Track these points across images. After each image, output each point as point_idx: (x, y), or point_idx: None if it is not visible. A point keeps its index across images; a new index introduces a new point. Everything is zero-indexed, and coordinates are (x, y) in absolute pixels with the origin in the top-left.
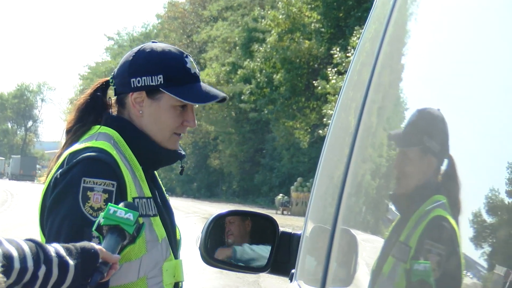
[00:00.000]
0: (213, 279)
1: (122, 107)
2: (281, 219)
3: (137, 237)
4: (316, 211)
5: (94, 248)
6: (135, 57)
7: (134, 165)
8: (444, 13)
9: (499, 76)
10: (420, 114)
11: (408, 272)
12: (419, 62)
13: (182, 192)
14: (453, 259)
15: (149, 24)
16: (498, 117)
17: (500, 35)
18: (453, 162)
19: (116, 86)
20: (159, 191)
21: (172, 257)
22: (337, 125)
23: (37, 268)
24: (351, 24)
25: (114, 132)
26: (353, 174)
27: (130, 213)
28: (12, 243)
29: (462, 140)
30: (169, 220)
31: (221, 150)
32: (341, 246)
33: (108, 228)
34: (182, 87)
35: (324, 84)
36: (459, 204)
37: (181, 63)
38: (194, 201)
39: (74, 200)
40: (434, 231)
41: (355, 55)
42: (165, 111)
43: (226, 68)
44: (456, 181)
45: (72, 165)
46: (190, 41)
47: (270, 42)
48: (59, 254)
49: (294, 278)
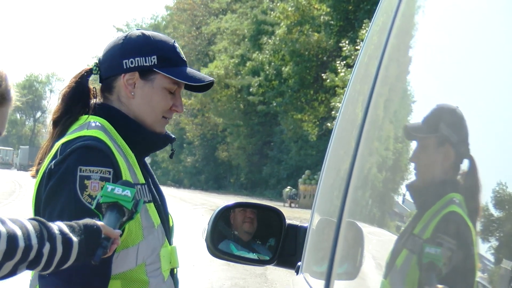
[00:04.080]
0: (220, 271)
1: (109, 93)
2: (289, 211)
3: (135, 213)
4: (322, 204)
5: (96, 224)
6: (126, 40)
7: (127, 152)
8: (451, 6)
9: (508, 67)
10: (439, 107)
11: (420, 262)
12: (426, 55)
13: (190, 184)
14: (466, 256)
15: (158, 16)
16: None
17: (508, 27)
18: (471, 159)
19: (103, 71)
20: (151, 179)
21: (167, 243)
22: (344, 118)
23: (42, 246)
24: (360, 17)
25: (104, 121)
26: (359, 167)
27: (127, 190)
28: (16, 222)
29: (478, 137)
30: (162, 207)
31: (229, 142)
32: (347, 239)
33: (107, 205)
34: (175, 68)
35: (332, 77)
36: (476, 202)
37: (172, 46)
38: (202, 193)
39: (72, 189)
40: (448, 226)
41: (362, 48)
42: (158, 91)
43: (234, 60)
44: (473, 180)
45: (66, 155)
46: (199, 33)
47: (279, 35)
48: (62, 231)
49: (300, 270)
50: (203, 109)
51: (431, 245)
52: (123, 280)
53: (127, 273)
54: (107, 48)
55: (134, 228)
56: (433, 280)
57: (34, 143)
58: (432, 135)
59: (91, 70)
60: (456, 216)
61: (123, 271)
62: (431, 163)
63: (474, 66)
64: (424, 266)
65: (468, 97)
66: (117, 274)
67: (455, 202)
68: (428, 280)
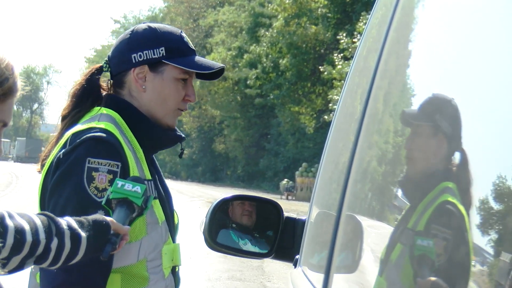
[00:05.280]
0: (216, 263)
1: (121, 88)
2: (286, 204)
3: (145, 209)
4: (321, 197)
5: (105, 220)
6: (133, 35)
7: (136, 147)
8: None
9: (509, 62)
10: (434, 96)
11: (412, 255)
12: (426, 49)
13: (187, 176)
14: (461, 244)
15: (156, 8)
16: (510, 104)
17: (508, 20)
18: (463, 149)
19: (113, 67)
20: (158, 175)
21: (170, 241)
22: (343, 111)
23: (50, 240)
24: (357, 10)
25: (115, 114)
26: (359, 160)
27: (137, 186)
28: (24, 217)
29: (473, 128)
30: (168, 205)
31: (226, 134)
32: (346, 232)
33: (117, 201)
34: (183, 58)
35: (330, 69)
36: (468, 191)
37: (179, 36)
38: (199, 185)
39: (79, 180)
40: (441, 216)
41: (361, 41)
42: (169, 83)
43: (232, 53)
44: (465, 169)
45: (76, 145)
46: (196, 25)
47: (277, 27)
48: (71, 226)
49: (299, 263)
50: (200, 102)
51: (425, 237)
52: (123, 274)
53: (127, 268)
54: (115, 44)
55: (138, 223)
56: (426, 272)
57: (31, 134)
58: (427, 124)
59: (101, 67)
60: (451, 205)
61: (124, 265)
62: (425, 151)
63: (473, 60)
64: (417, 259)
65: (466, 90)
66: (117, 268)
67: (448, 191)
68: (421, 273)
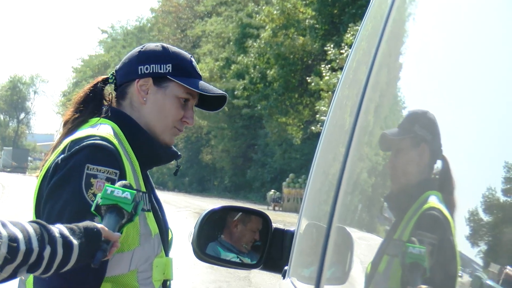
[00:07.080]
0: (203, 274)
1: (123, 98)
2: (273, 215)
3: (135, 215)
4: (310, 208)
5: (96, 227)
6: (145, 48)
7: (133, 158)
8: (442, 12)
9: (496, 75)
10: (411, 111)
11: (403, 264)
12: (417, 61)
13: (174, 187)
14: (446, 249)
15: (143, 18)
16: (495, 116)
17: (499, 34)
18: (446, 159)
19: (119, 77)
20: (152, 191)
21: (163, 254)
22: (332, 122)
23: (42, 248)
24: (345, 21)
25: (114, 125)
26: (349, 172)
27: (127, 192)
28: (17, 225)
29: (458, 138)
30: (162, 219)
31: (213, 145)
32: (336, 244)
33: (106, 207)
34: (189, 79)
35: (317, 80)
36: (453, 198)
37: (189, 59)
38: (186, 195)
39: (77, 185)
40: (427, 222)
41: (351, 53)
42: (170, 99)
43: (219, 63)
44: (449, 177)
45: (75, 151)
46: (184, 36)
47: (264, 38)
48: (63, 234)
49: (287, 275)
50: None
51: (413, 245)
52: (113, 283)
53: (118, 277)
54: (127, 56)
55: (132, 233)
56: (418, 280)
57: (17, 144)
58: (407, 136)
59: (107, 79)
60: (435, 211)
61: (115, 274)
62: (408, 164)
63: (464, 72)
64: (407, 268)
65: (459, 102)
66: (108, 277)
67: (433, 199)
68: (411, 282)
